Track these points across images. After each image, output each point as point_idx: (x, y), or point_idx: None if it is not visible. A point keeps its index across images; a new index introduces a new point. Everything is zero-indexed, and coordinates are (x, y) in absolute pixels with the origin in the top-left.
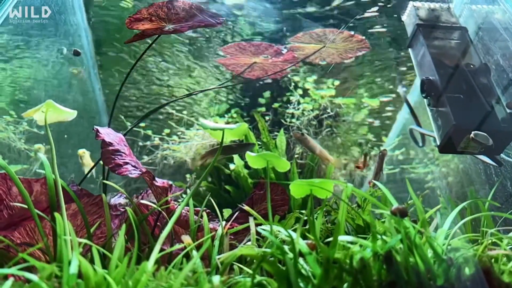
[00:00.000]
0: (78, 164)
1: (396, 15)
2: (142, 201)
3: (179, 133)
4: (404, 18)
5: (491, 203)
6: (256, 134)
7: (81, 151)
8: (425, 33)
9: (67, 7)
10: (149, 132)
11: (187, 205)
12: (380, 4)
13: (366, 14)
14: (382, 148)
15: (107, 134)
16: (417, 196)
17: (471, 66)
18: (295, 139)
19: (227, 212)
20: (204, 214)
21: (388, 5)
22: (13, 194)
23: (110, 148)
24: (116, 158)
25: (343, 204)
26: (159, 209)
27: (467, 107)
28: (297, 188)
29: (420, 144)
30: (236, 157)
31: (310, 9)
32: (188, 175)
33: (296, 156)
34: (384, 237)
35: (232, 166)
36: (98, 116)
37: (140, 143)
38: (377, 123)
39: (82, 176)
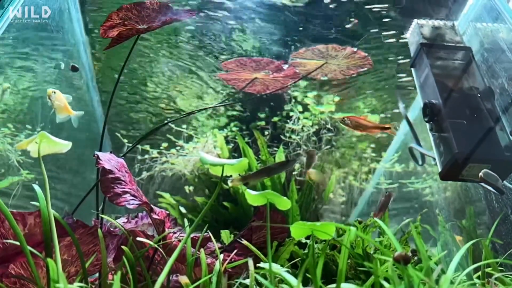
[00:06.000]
0: (77, 174)
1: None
2: (139, 239)
3: (178, 147)
4: (407, 36)
5: (495, 240)
6: (255, 148)
7: (50, 90)
8: (429, 53)
9: (65, 20)
10: (147, 147)
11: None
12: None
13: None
14: (388, 191)
15: (108, 160)
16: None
17: (475, 89)
18: (306, 152)
19: (225, 234)
20: (202, 251)
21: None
22: (6, 227)
23: (110, 176)
24: (115, 187)
25: (344, 250)
26: (156, 246)
27: (470, 134)
28: (298, 230)
29: (420, 162)
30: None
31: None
32: (186, 187)
33: (294, 173)
34: (386, 283)
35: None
36: (96, 128)
37: (139, 157)
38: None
39: (82, 179)
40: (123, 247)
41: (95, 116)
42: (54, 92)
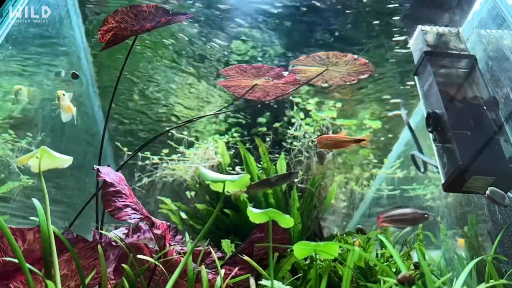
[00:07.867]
0: (77, 180)
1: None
2: (140, 257)
3: (178, 154)
4: (411, 43)
5: (499, 257)
6: (256, 155)
7: (60, 92)
8: (432, 61)
9: (65, 28)
10: (148, 154)
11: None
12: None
13: None
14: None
15: (107, 173)
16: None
17: (480, 99)
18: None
19: (226, 243)
20: (203, 267)
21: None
22: (5, 242)
23: (111, 189)
24: (116, 201)
25: (347, 271)
26: (157, 263)
27: (474, 145)
28: (301, 250)
29: (422, 170)
30: None
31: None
32: (187, 192)
33: (296, 180)
34: None
35: None
36: (97, 133)
37: (140, 163)
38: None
39: (82, 186)
40: (124, 265)
41: (96, 122)
42: (64, 94)
